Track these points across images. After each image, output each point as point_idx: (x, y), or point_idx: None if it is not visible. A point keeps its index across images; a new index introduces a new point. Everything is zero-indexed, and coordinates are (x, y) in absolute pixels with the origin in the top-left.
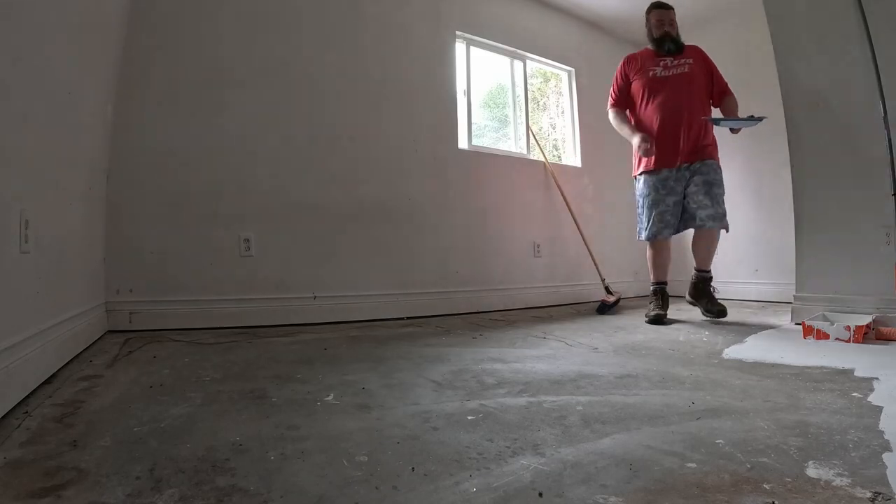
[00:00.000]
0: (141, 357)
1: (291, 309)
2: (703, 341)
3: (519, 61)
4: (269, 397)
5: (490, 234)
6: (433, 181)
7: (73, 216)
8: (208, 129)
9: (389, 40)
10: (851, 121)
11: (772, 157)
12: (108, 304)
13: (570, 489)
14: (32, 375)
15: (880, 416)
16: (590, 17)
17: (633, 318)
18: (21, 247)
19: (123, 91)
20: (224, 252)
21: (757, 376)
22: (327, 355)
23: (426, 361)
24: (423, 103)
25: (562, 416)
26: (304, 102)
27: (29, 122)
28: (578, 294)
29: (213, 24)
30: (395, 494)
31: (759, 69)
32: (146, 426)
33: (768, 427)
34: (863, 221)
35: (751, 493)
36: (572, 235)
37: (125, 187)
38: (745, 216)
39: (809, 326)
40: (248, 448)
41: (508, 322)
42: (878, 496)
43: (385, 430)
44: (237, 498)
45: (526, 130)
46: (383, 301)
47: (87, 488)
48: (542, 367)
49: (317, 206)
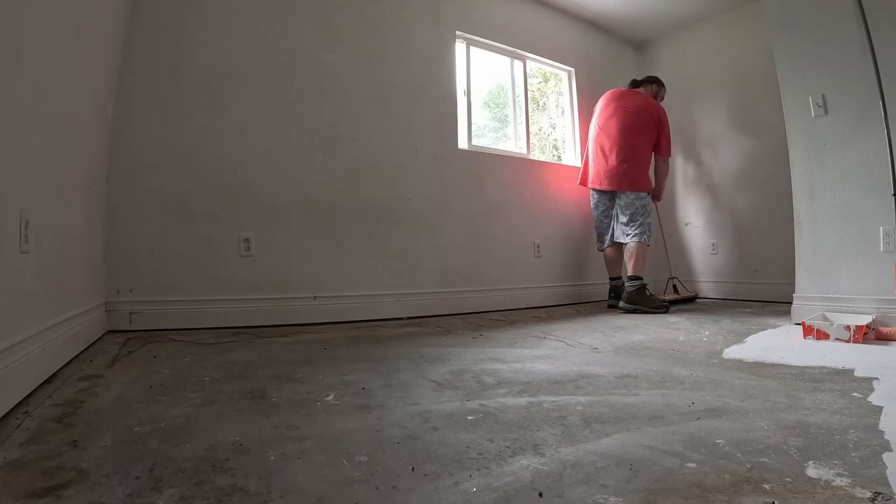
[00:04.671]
0: (141, 357)
1: (291, 309)
2: (703, 341)
3: (519, 61)
4: (269, 397)
5: (490, 234)
6: (433, 181)
7: (73, 216)
8: (208, 129)
9: (389, 40)
10: (851, 121)
11: (772, 157)
12: (108, 304)
13: (570, 489)
14: (32, 375)
15: (880, 416)
16: (590, 16)
17: (632, 318)
18: (21, 247)
19: (123, 91)
20: (224, 252)
21: (757, 376)
22: (327, 355)
23: (426, 361)
24: (424, 103)
25: (562, 416)
26: (304, 102)
27: (29, 122)
28: (579, 294)
29: (214, 25)
30: (395, 494)
31: (757, 69)
32: (146, 426)
33: (768, 427)
34: (863, 221)
35: (751, 493)
36: (572, 235)
37: (125, 187)
38: (744, 216)
39: (809, 326)
40: (248, 448)
41: (508, 322)
42: (878, 496)
43: (385, 430)
44: (237, 498)
45: (526, 130)
46: (383, 301)
47: (87, 488)
48: (542, 367)
49: (317, 205)
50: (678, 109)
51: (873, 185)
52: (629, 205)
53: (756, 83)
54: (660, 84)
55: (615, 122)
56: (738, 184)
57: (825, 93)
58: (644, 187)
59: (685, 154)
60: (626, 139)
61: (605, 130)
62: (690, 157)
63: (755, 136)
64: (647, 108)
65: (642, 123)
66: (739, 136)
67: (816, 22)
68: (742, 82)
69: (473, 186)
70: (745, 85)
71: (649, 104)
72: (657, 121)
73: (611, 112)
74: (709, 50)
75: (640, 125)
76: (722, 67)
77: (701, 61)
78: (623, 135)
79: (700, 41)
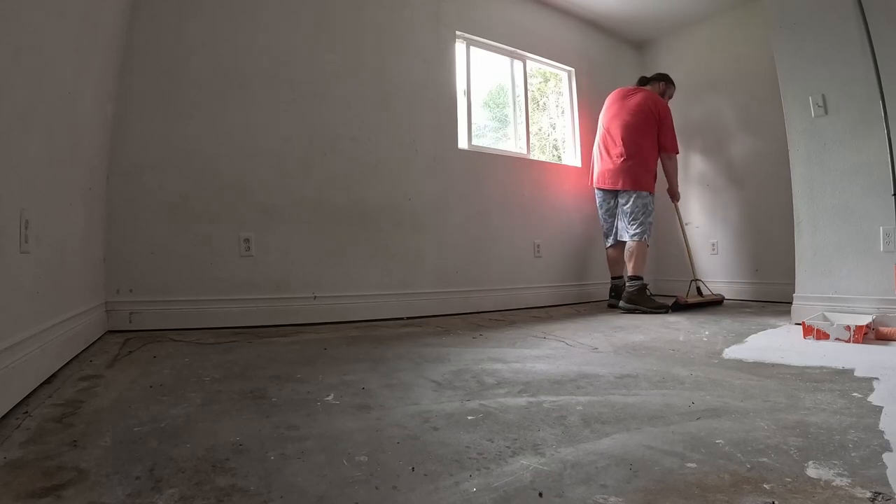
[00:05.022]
0: (141, 357)
1: (291, 309)
2: (703, 341)
3: (519, 61)
4: (269, 397)
5: (490, 234)
6: (433, 181)
7: (73, 216)
8: (208, 129)
9: (390, 40)
10: (851, 121)
11: (772, 157)
12: (108, 304)
13: (570, 489)
14: (32, 375)
15: (880, 416)
16: (590, 16)
17: (633, 318)
18: (21, 247)
19: (123, 91)
20: (224, 252)
21: (757, 376)
22: (327, 355)
23: (426, 361)
24: (424, 103)
25: (562, 416)
26: (305, 102)
27: (29, 122)
28: (579, 294)
29: (214, 24)
30: (395, 494)
31: (757, 69)
32: (146, 426)
33: (768, 427)
34: (863, 221)
35: (751, 493)
36: (572, 235)
37: (125, 187)
38: (744, 216)
39: (809, 326)
40: (248, 448)
41: (508, 322)
42: (878, 496)
43: (385, 430)
44: (237, 498)
45: (526, 130)
46: (383, 301)
47: (87, 488)
48: (542, 367)
49: (317, 205)
50: (678, 109)
51: (873, 185)
52: (630, 203)
53: (756, 83)
54: (668, 81)
55: (617, 121)
56: (738, 184)
57: (825, 93)
58: (646, 186)
59: (685, 154)
60: (626, 138)
61: (609, 130)
62: (690, 157)
63: (755, 136)
64: (648, 105)
65: (643, 121)
66: (739, 136)
67: (816, 22)
68: (742, 82)
69: (473, 186)
70: (745, 85)
71: (649, 100)
72: (657, 117)
73: (614, 111)
74: (709, 50)
75: (640, 123)
76: (722, 67)
77: (701, 61)
78: (624, 133)
79: (700, 41)
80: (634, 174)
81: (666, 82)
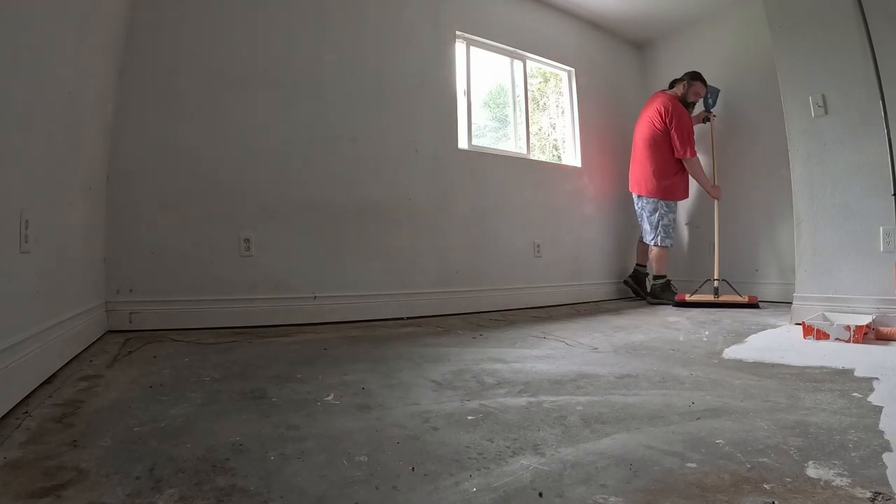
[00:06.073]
0: (141, 357)
1: (291, 309)
2: (703, 341)
3: (519, 61)
4: (269, 397)
5: (490, 234)
6: (433, 181)
7: (73, 216)
8: (208, 129)
9: (390, 40)
10: (851, 121)
11: (771, 157)
12: (108, 304)
13: (570, 489)
14: (32, 375)
15: (880, 416)
16: (590, 16)
17: (632, 318)
18: (21, 247)
19: (123, 91)
20: (224, 252)
21: (757, 376)
22: (327, 355)
23: (426, 361)
24: (424, 103)
25: (562, 416)
26: (305, 102)
27: (29, 122)
28: (578, 294)
29: (214, 24)
30: (395, 494)
31: (757, 69)
32: (146, 426)
33: (768, 427)
34: (863, 221)
35: (751, 493)
36: (572, 235)
37: (125, 187)
38: (744, 216)
39: (809, 326)
40: (248, 448)
41: (508, 322)
42: (878, 496)
43: (385, 430)
44: (237, 498)
45: (526, 130)
46: (383, 301)
47: (87, 488)
48: (542, 367)
49: (317, 206)
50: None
51: (873, 184)
52: (643, 208)
53: (756, 83)
54: (689, 80)
55: (638, 128)
56: (738, 184)
57: (825, 93)
58: (656, 193)
59: None
60: (642, 145)
61: (634, 137)
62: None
63: (755, 135)
64: (658, 110)
65: (655, 128)
66: (739, 136)
67: (816, 22)
68: (742, 82)
69: (473, 186)
70: (745, 85)
71: (659, 105)
72: (664, 121)
73: (639, 119)
74: (709, 50)
75: (652, 131)
76: (722, 67)
77: (701, 61)
78: (640, 141)
79: (700, 41)
80: (646, 181)
81: (686, 82)
